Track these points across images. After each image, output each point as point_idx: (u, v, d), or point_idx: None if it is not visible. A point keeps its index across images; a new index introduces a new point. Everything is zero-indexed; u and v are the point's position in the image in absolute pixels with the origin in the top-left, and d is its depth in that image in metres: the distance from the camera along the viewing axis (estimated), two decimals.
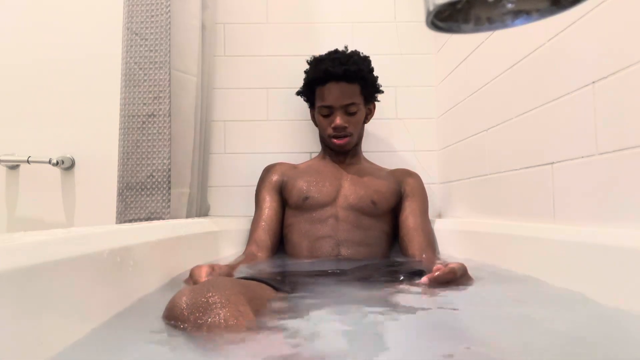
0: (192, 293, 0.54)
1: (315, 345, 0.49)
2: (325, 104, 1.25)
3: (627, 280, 0.61)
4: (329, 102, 1.24)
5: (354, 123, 1.27)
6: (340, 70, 1.22)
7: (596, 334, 0.55)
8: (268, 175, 1.30)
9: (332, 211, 1.20)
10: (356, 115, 1.27)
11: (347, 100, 1.24)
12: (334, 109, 1.25)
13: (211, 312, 0.52)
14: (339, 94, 1.23)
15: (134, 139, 1.14)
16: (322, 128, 1.30)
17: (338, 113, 1.24)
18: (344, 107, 1.24)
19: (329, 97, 1.24)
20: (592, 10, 0.76)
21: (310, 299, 0.73)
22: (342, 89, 1.23)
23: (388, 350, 0.50)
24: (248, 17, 1.56)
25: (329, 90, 1.24)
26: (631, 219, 0.68)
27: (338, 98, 1.23)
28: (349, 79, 1.23)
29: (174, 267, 0.88)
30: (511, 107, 1.04)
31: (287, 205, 1.27)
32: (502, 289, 0.80)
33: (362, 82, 1.26)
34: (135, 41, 1.15)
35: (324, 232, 1.17)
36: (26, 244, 0.48)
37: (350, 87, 1.24)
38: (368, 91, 1.30)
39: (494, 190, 1.14)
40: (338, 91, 1.23)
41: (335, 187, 1.24)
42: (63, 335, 0.48)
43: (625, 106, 0.69)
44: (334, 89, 1.23)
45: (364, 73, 1.26)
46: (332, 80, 1.23)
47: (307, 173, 1.28)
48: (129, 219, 1.12)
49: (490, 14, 0.41)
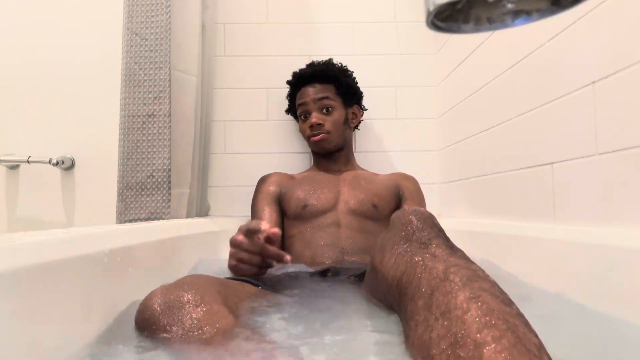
0: (164, 292, 0.53)
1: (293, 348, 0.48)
2: (300, 101, 1.31)
3: (627, 281, 0.61)
4: (304, 100, 1.30)
5: (331, 122, 1.27)
6: (311, 71, 1.32)
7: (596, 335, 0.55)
8: (265, 186, 1.26)
9: (334, 218, 1.16)
10: (333, 114, 1.28)
11: (321, 93, 1.28)
12: (308, 106, 1.29)
13: (184, 313, 0.50)
14: (312, 90, 1.29)
15: (134, 139, 1.14)
16: (303, 131, 1.33)
17: (313, 111, 1.28)
18: (318, 101, 1.28)
19: (302, 97, 1.31)
20: (592, 10, 0.76)
21: (295, 297, 0.72)
22: (313, 87, 1.30)
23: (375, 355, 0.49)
24: (248, 17, 1.56)
25: (303, 91, 1.32)
26: (631, 219, 0.68)
27: (312, 93, 1.29)
28: (321, 79, 1.30)
29: (174, 267, 0.88)
30: (511, 107, 1.04)
31: (285, 216, 1.23)
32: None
33: (336, 82, 1.31)
34: (135, 41, 1.15)
35: (326, 240, 1.12)
36: (26, 244, 0.47)
37: (323, 86, 1.30)
38: (344, 92, 1.32)
39: (494, 190, 1.14)
40: (311, 89, 1.30)
41: (334, 194, 1.21)
42: (63, 336, 0.48)
43: (625, 106, 0.69)
44: (306, 88, 1.31)
45: (336, 74, 1.31)
46: (306, 83, 1.31)
47: (304, 182, 1.25)
48: (129, 219, 1.12)
49: (490, 14, 0.41)
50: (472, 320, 0.38)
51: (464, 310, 0.39)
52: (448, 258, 0.47)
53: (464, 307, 0.39)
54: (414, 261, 0.50)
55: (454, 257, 0.48)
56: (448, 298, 0.41)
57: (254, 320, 0.57)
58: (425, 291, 0.45)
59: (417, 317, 0.43)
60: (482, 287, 0.42)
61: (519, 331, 0.37)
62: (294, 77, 1.37)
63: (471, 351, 0.36)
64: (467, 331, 0.37)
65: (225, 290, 0.58)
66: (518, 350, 0.35)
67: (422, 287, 0.46)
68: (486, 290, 0.41)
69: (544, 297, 0.74)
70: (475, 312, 0.39)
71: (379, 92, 1.53)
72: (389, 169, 1.48)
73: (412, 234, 0.54)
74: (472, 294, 0.41)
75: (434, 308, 0.42)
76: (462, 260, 0.47)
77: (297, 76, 1.35)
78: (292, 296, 0.73)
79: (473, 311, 0.39)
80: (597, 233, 0.72)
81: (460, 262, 0.46)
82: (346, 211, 1.17)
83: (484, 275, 0.44)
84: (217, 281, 0.60)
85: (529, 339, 0.36)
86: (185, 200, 1.23)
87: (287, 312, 0.64)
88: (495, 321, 0.37)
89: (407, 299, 0.47)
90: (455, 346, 0.37)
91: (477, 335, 0.37)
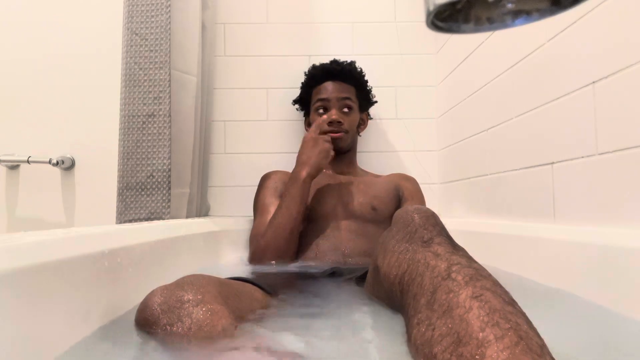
0: (164, 292, 0.52)
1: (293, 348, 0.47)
2: (321, 96, 1.29)
3: (627, 280, 0.61)
4: (326, 95, 1.29)
5: (349, 122, 1.28)
6: (339, 68, 1.31)
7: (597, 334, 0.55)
8: (269, 182, 1.26)
9: (334, 221, 1.16)
10: (351, 115, 1.29)
11: (344, 93, 1.29)
12: (330, 103, 1.28)
13: (184, 312, 0.50)
14: (336, 89, 1.29)
15: (134, 139, 1.14)
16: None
17: (334, 107, 1.27)
18: (340, 100, 1.28)
19: (325, 91, 1.30)
20: (592, 10, 0.76)
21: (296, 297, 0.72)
22: (338, 85, 1.30)
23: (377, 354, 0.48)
24: (248, 17, 1.56)
25: (325, 86, 1.30)
26: (631, 219, 0.68)
27: (335, 90, 1.29)
28: (345, 78, 1.30)
29: (174, 267, 0.88)
30: (511, 107, 1.04)
31: None
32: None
33: (358, 84, 1.33)
34: (135, 41, 1.15)
35: (327, 243, 1.12)
36: (26, 244, 0.47)
37: (346, 86, 1.30)
38: (362, 96, 1.35)
39: (494, 190, 1.14)
40: (334, 86, 1.30)
41: (334, 197, 1.20)
42: (63, 336, 0.48)
43: (625, 106, 0.69)
44: (330, 84, 1.30)
45: (360, 77, 1.34)
46: (330, 78, 1.30)
47: None
48: (129, 219, 1.12)
49: (490, 14, 0.41)
50: (475, 319, 0.38)
51: (467, 308, 0.39)
52: (450, 256, 0.47)
53: (467, 306, 0.39)
54: (416, 259, 0.50)
55: (456, 256, 0.48)
56: (450, 296, 0.41)
57: (254, 320, 0.57)
58: (428, 289, 0.44)
59: (419, 315, 0.43)
60: (484, 286, 0.42)
61: (522, 330, 0.37)
62: (317, 69, 1.34)
63: (474, 350, 0.36)
64: (469, 330, 0.37)
65: (225, 290, 0.57)
66: (521, 349, 0.35)
67: (424, 286, 0.45)
68: (489, 289, 0.41)
69: (544, 297, 0.74)
70: (478, 310, 0.39)
71: (379, 92, 1.53)
72: (389, 169, 1.48)
73: (414, 232, 0.54)
74: (475, 293, 0.41)
75: (436, 306, 0.42)
76: (465, 258, 0.47)
77: (321, 69, 1.33)
78: (293, 296, 0.73)
79: (475, 310, 0.39)
80: (597, 233, 0.72)
81: (463, 261, 0.46)
82: (346, 215, 1.17)
83: (486, 274, 0.44)
84: (217, 281, 0.59)
85: (532, 338, 0.36)
86: (185, 200, 1.23)
87: (288, 312, 0.64)
88: (498, 320, 0.37)
89: (409, 298, 0.47)
90: (458, 344, 0.37)
91: (479, 334, 0.37)
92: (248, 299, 0.63)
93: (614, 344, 0.51)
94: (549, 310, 0.65)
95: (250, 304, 0.62)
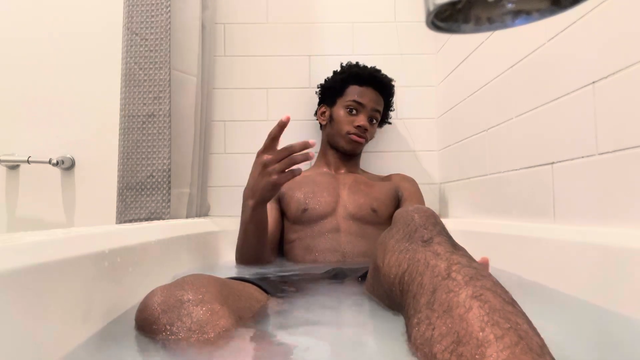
0: (164, 292, 0.52)
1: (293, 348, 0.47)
2: (358, 100, 1.31)
3: (627, 280, 0.61)
4: (364, 100, 1.31)
5: (371, 132, 1.34)
6: (384, 80, 1.36)
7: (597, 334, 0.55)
8: None
9: (333, 223, 1.16)
10: (374, 126, 1.36)
11: (378, 105, 1.34)
12: (364, 109, 1.31)
13: (184, 312, 0.49)
14: (374, 98, 1.33)
15: (134, 139, 1.14)
16: (342, 122, 1.30)
17: (365, 114, 1.31)
18: (373, 111, 1.32)
19: (364, 96, 1.31)
20: (592, 10, 0.76)
21: (295, 297, 0.72)
22: (376, 95, 1.34)
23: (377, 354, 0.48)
24: (248, 17, 1.56)
25: (365, 91, 1.32)
26: (631, 219, 0.68)
27: (372, 100, 1.32)
28: (382, 91, 1.36)
29: (174, 267, 0.88)
30: (511, 107, 1.04)
31: (285, 218, 1.23)
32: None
33: (387, 103, 1.40)
34: (135, 41, 1.15)
35: (326, 245, 1.12)
36: (26, 244, 0.47)
37: (381, 100, 1.36)
38: (385, 114, 1.42)
39: (494, 190, 1.14)
40: (374, 95, 1.33)
41: (334, 198, 1.20)
42: (63, 336, 0.48)
43: (625, 106, 0.69)
44: (371, 92, 1.32)
45: (392, 97, 1.41)
46: (372, 84, 1.33)
47: (304, 184, 1.23)
48: (129, 219, 1.12)
49: (490, 14, 0.41)
50: (475, 318, 0.38)
51: (467, 308, 0.39)
52: (450, 256, 0.47)
53: (467, 305, 0.39)
54: (416, 259, 0.50)
55: (456, 255, 0.48)
56: (450, 296, 0.41)
57: (254, 320, 0.57)
58: (428, 289, 0.44)
59: (419, 315, 0.43)
60: (484, 286, 0.42)
61: (522, 330, 0.37)
62: (363, 70, 1.35)
63: (473, 349, 0.36)
64: (469, 329, 0.37)
65: (225, 289, 0.57)
66: (520, 349, 0.35)
67: (424, 285, 0.45)
68: (489, 288, 0.41)
69: (544, 296, 0.74)
70: (478, 310, 0.38)
71: None
72: (389, 169, 1.47)
73: (414, 232, 0.54)
74: (475, 292, 0.41)
75: (436, 306, 0.42)
76: (465, 258, 0.47)
77: (368, 73, 1.34)
78: (293, 296, 0.73)
79: (475, 309, 0.39)
80: (597, 233, 0.72)
81: (463, 261, 0.46)
82: (345, 216, 1.17)
83: (486, 274, 0.44)
84: (217, 281, 0.59)
85: (532, 338, 0.36)
86: (185, 200, 1.23)
87: (288, 312, 0.64)
88: (498, 319, 0.37)
89: (409, 297, 0.47)
90: (458, 344, 0.37)
91: (479, 334, 0.36)
92: (248, 299, 0.62)
93: (614, 344, 0.51)
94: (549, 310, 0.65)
95: (250, 304, 0.62)
